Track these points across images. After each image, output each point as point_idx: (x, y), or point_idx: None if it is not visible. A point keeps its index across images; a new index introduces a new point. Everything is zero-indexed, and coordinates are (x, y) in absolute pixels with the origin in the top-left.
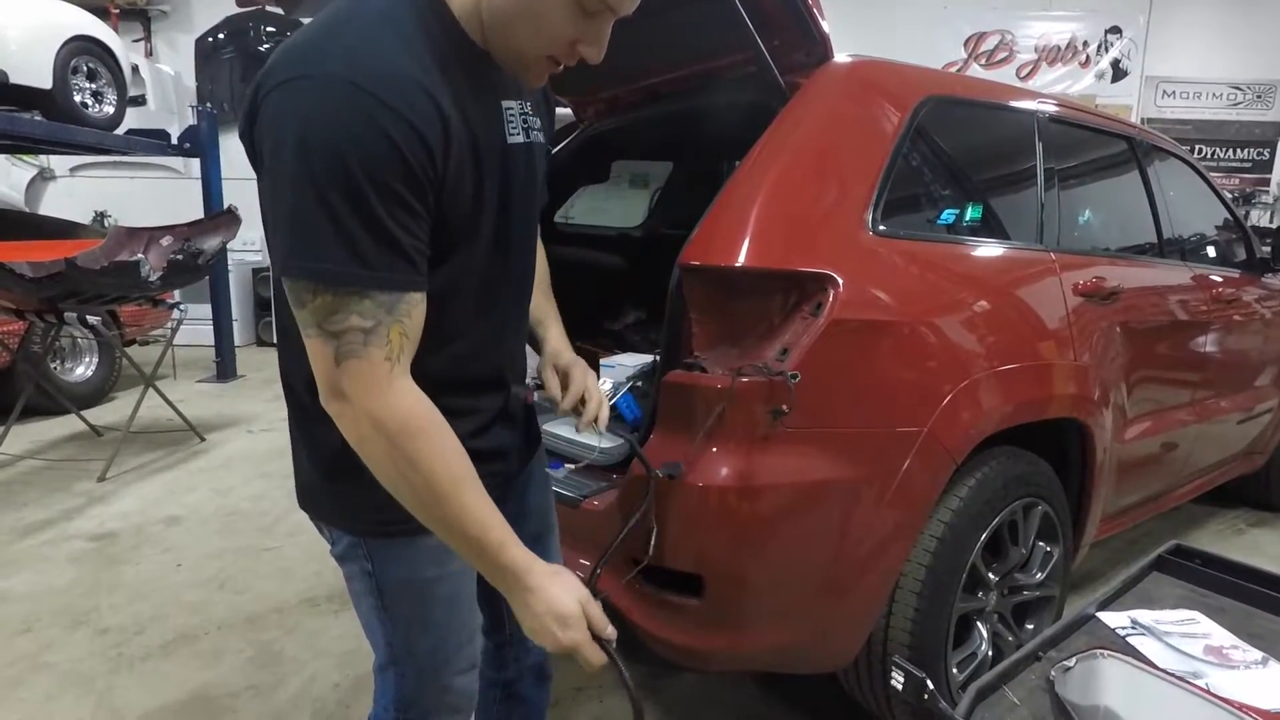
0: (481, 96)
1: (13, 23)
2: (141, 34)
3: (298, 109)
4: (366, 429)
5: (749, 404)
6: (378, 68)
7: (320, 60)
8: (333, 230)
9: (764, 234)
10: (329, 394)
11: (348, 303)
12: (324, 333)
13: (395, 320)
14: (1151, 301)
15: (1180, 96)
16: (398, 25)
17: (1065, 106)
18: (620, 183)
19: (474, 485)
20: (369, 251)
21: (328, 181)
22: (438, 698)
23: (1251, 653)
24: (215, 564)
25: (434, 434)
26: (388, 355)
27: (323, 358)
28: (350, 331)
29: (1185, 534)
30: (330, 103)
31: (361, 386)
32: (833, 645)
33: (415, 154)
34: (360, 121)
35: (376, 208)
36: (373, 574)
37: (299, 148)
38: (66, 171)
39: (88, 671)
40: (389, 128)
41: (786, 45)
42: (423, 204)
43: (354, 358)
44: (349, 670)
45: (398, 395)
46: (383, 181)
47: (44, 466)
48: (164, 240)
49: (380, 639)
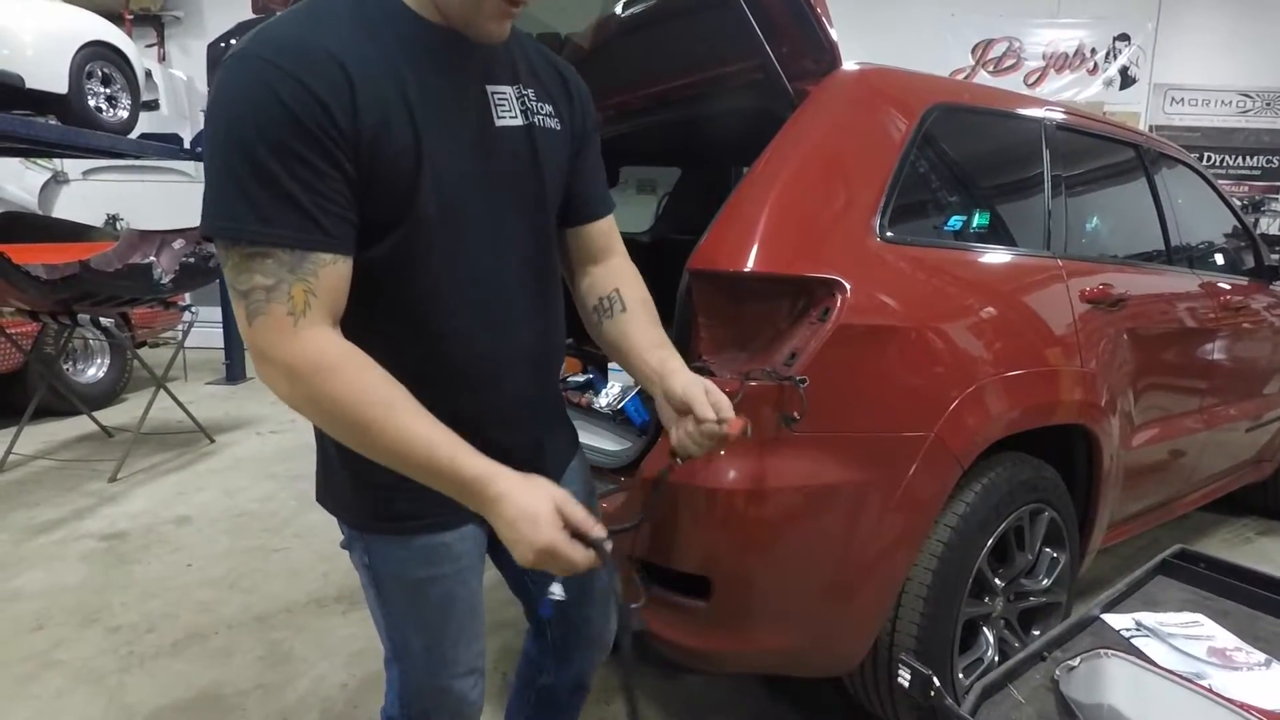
0: (450, 77)
1: (30, 28)
2: (155, 39)
3: (217, 85)
4: (283, 381)
5: (757, 408)
6: (277, 38)
7: (241, 46)
8: (234, 189)
9: (772, 240)
10: (254, 355)
11: (251, 263)
12: (236, 293)
13: (298, 279)
14: (1159, 308)
15: (1189, 104)
16: (326, 9)
17: (1072, 114)
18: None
19: (407, 408)
20: (267, 209)
21: (228, 145)
22: (437, 699)
23: (1255, 655)
24: (225, 564)
25: (349, 366)
26: (290, 310)
27: (240, 319)
28: (255, 290)
29: (1193, 541)
30: (234, 75)
31: (269, 340)
32: (839, 648)
33: (309, 112)
34: (253, 85)
35: (272, 165)
36: (370, 567)
37: (210, 119)
38: (80, 175)
39: (99, 669)
40: (279, 88)
41: (795, 52)
42: (327, 161)
43: (260, 315)
44: (357, 670)
45: (304, 341)
46: (276, 139)
47: (56, 466)
48: (175, 243)
49: (383, 632)
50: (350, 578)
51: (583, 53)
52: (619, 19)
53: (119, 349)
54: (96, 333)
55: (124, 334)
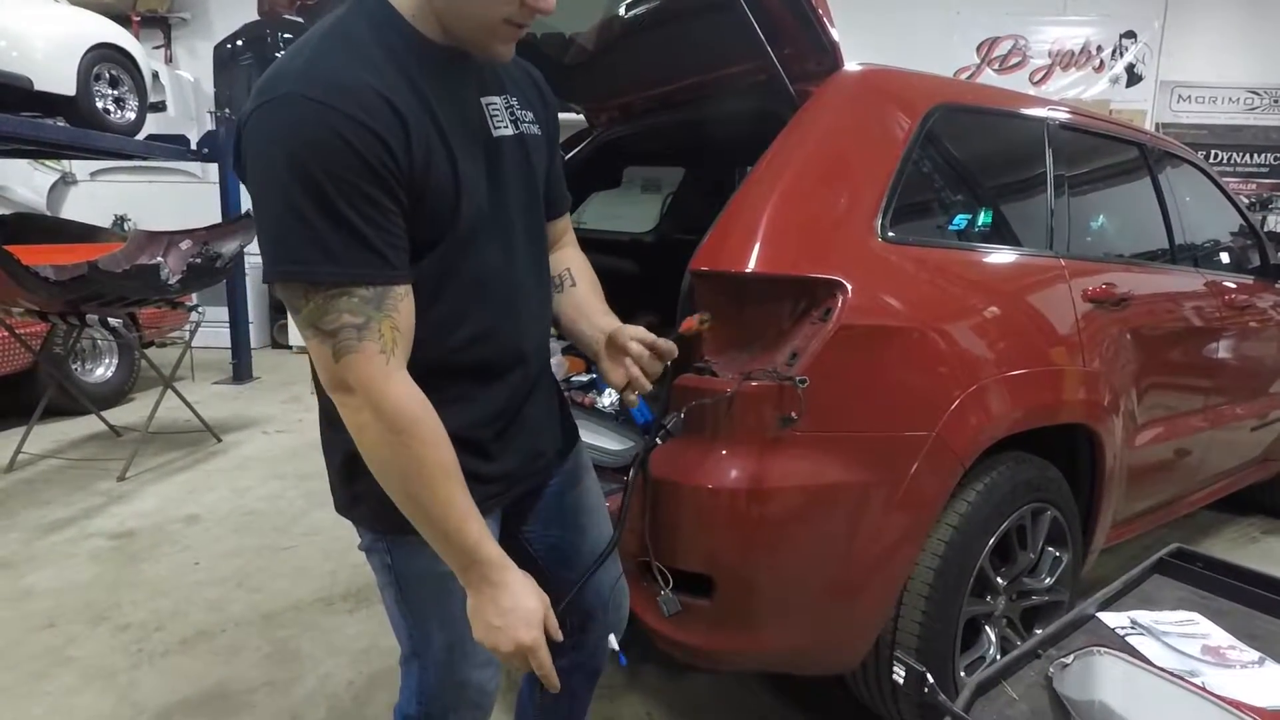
0: (456, 94)
1: (38, 31)
2: (162, 41)
3: (262, 130)
4: (366, 417)
5: (758, 407)
6: (327, 79)
7: (276, 85)
8: (304, 233)
9: (774, 240)
10: (333, 385)
11: (335, 303)
12: (320, 333)
13: (385, 315)
14: (1163, 307)
15: (1196, 101)
16: (350, 42)
17: (1075, 113)
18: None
19: (459, 478)
20: (340, 249)
21: (294, 188)
22: (457, 692)
23: (1249, 653)
24: (233, 562)
25: (428, 423)
26: (382, 349)
27: (323, 356)
28: (344, 329)
29: (1198, 541)
30: (287, 117)
31: (363, 378)
32: (841, 647)
33: (372, 151)
34: (315, 128)
35: (342, 207)
36: (392, 567)
37: (266, 163)
38: (88, 176)
39: (109, 666)
40: (342, 130)
41: (797, 54)
42: (390, 198)
43: (352, 352)
44: (364, 668)
45: (395, 386)
46: (344, 180)
47: (65, 466)
48: (183, 244)
49: (403, 631)
50: (357, 576)
51: (587, 54)
52: (623, 20)
53: (127, 349)
54: (105, 333)
55: (132, 334)
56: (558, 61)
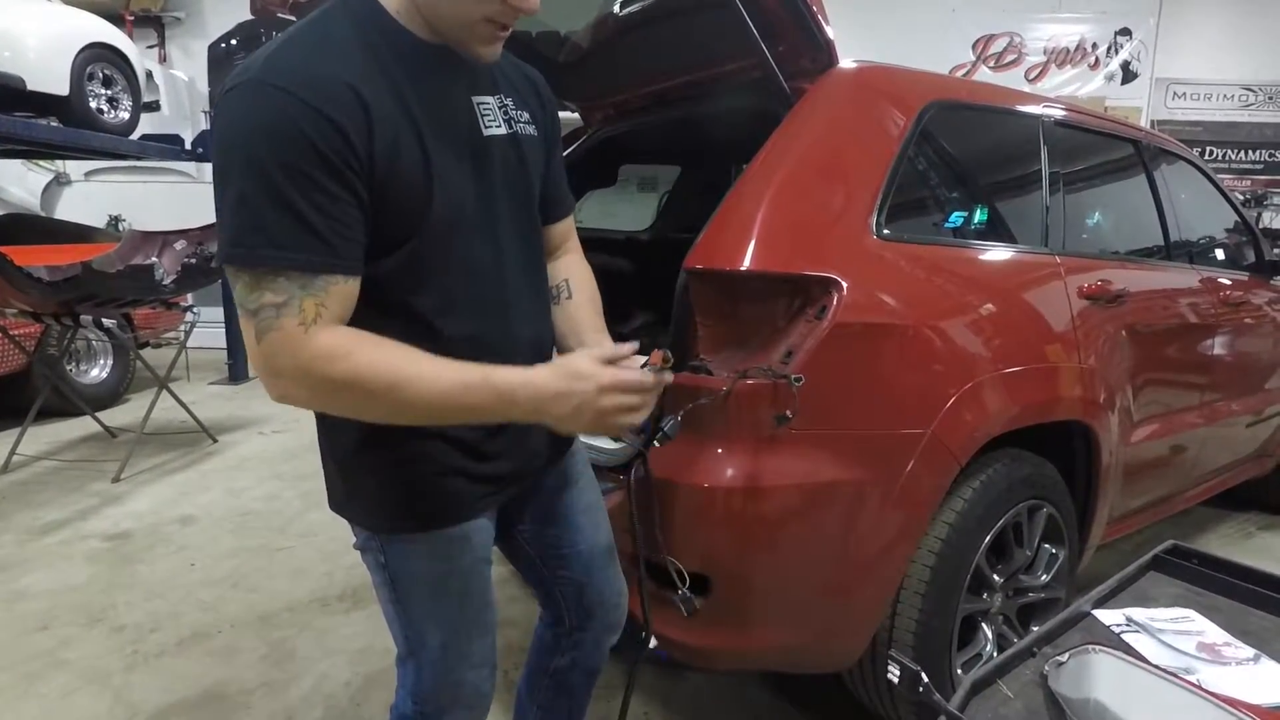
0: (442, 92)
1: (31, 30)
2: (156, 40)
3: (223, 115)
4: (301, 387)
5: (753, 406)
6: (292, 67)
7: (244, 72)
8: (248, 216)
9: (769, 238)
10: (265, 377)
11: (261, 281)
12: (245, 311)
13: (309, 294)
14: (1158, 304)
15: (1191, 98)
16: (326, 34)
17: (1070, 110)
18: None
19: (427, 357)
20: (280, 233)
21: (244, 172)
22: (452, 692)
23: (1244, 650)
24: (229, 563)
25: (363, 344)
26: (301, 321)
27: (248, 337)
28: (265, 308)
29: (1194, 537)
30: (246, 102)
31: (282, 351)
32: (838, 645)
33: (327, 139)
34: (271, 114)
35: (289, 192)
36: (386, 566)
37: (222, 145)
38: (81, 176)
39: (104, 668)
40: (297, 116)
41: (791, 51)
42: (343, 186)
43: (271, 330)
44: (360, 668)
45: (317, 341)
46: (294, 166)
47: (60, 467)
48: (178, 244)
49: (398, 631)
50: (353, 576)
51: (582, 51)
52: (617, 18)
53: (122, 350)
54: (99, 334)
55: (126, 335)
56: (552, 59)
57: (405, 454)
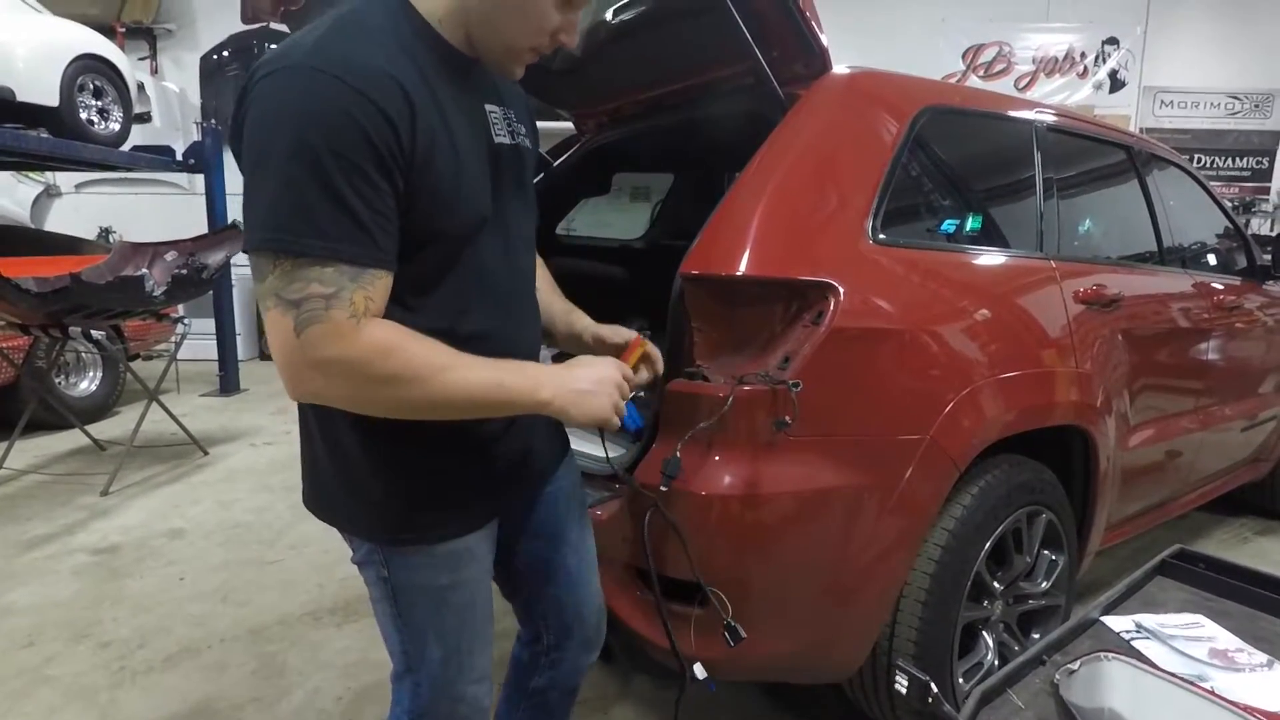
0: (462, 96)
1: (21, 41)
2: (147, 52)
3: (268, 97)
4: (344, 381)
5: (751, 412)
6: (341, 55)
7: (288, 55)
8: (294, 202)
9: (764, 243)
10: (300, 370)
11: (308, 271)
12: (283, 302)
13: (358, 287)
14: (1153, 309)
15: (1178, 106)
16: (364, 27)
17: (1063, 116)
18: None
19: (462, 356)
20: (329, 224)
21: (291, 157)
22: (450, 708)
23: (1256, 655)
24: (218, 577)
25: (407, 339)
26: (352, 314)
27: (281, 330)
28: (311, 299)
29: (1191, 542)
30: (296, 86)
31: (329, 344)
32: (837, 654)
33: (377, 130)
34: (323, 100)
35: (338, 181)
36: (389, 580)
37: (265, 127)
38: (72, 188)
39: (91, 685)
40: (350, 104)
41: (785, 57)
42: (387, 180)
43: (316, 323)
44: (352, 683)
45: (366, 334)
46: (345, 155)
47: (48, 481)
48: (168, 255)
49: (396, 646)
50: (345, 589)
51: (574, 59)
52: (610, 25)
53: (111, 362)
54: (88, 346)
55: (116, 346)
56: (545, 67)
57: (414, 465)
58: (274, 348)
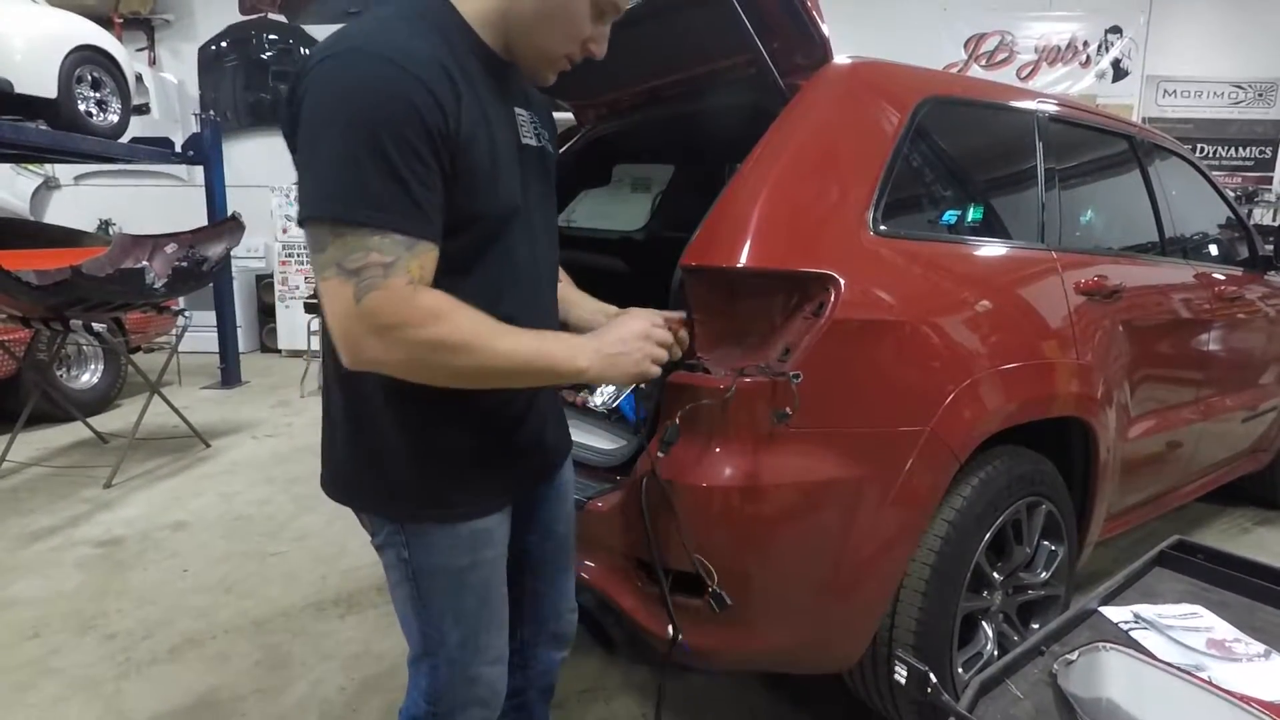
0: (497, 96)
1: (18, 32)
2: (145, 43)
3: (330, 78)
4: (403, 346)
5: (751, 404)
6: (396, 43)
7: (344, 41)
8: (353, 175)
9: (765, 235)
10: (361, 338)
11: (367, 240)
12: (343, 270)
13: (413, 256)
14: (1154, 300)
15: (1181, 95)
16: (413, 22)
17: (1065, 106)
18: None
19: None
20: (387, 198)
21: (351, 134)
22: (467, 689)
23: (1254, 645)
24: (222, 569)
25: (458, 307)
26: (409, 280)
27: (341, 299)
28: (371, 267)
29: (1191, 532)
30: (354, 68)
31: (390, 310)
32: (837, 645)
33: (429, 112)
34: (382, 82)
35: (395, 158)
36: (409, 561)
37: (328, 107)
38: (71, 180)
39: (95, 676)
40: (406, 88)
41: (786, 47)
42: (435, 159)
43: (375, 290)
44: (355, 674)
45: (422, 300)
46: (403, 136)
47: (50, 473)
48: (168, 247)
49: (415, 629)
50: (348, 580)
51: None
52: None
53: (113, 354)
54: (89, 338)
55: (117, 339)
56: None
57: (443, 445)
58: (333, 317)
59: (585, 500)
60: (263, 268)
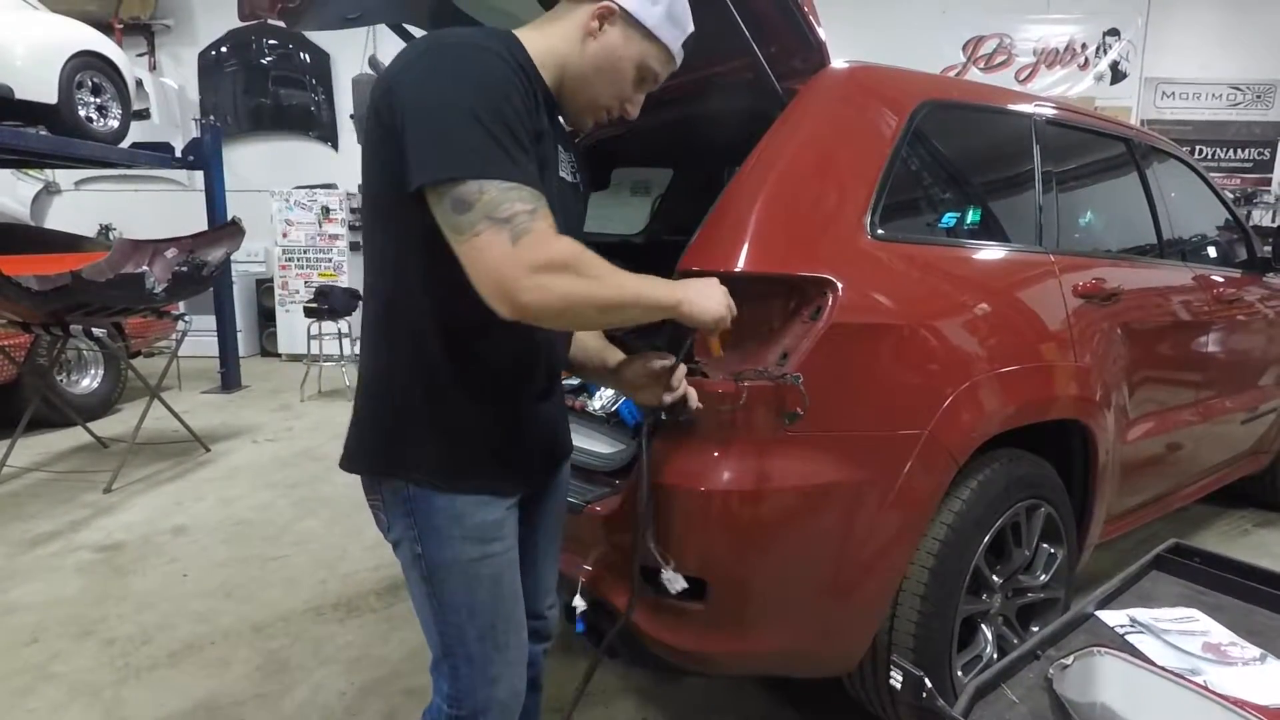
0: (549, 129)
1: (19, 38)
2: (145, 48)
3: (438, 63)
4: (554, 280)
5: (749, 408)
6: (490, 43)
7: (442, 38)
8: (487, 141)
9: (763, 239)
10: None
11: (510, 193)
12: (495, 221)
13: (544, 205)
14: (1152, 302)
15: (1180, 97)
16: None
17: (1062, 109)
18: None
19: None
20: (517, 155)
21: (477, 107)
22: (488, 691)
23: (1250, 649)
24: (222, 573)
25: (584, 248)
26: (550, 224)
27: (498, 246)
28: (519, 214)
29: (1191, 535)
30: (467, 55)
31: (541, 248)
32: (837, 648)
33: (525, 100)
34: (494, 65)
35: (515, 127)
36: (423, 556)
37: (445, 86)
38: (71, 185)
39: (95, 681)
40: (512, 75)
41: (783, 52)
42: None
43: (527, 233)
44: (355, 677)
45: (562, 240)
46: (515, 110)
47: (51, 478)
48: (168, 252)
49: (433, 628)
50: (348, 585)
51: None
52: None
53: (113, 359)
54: (90, 343)
55: (117, 344)
56: None
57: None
58: (489, 267)
59: (583, 504)
60: (263, 272)
